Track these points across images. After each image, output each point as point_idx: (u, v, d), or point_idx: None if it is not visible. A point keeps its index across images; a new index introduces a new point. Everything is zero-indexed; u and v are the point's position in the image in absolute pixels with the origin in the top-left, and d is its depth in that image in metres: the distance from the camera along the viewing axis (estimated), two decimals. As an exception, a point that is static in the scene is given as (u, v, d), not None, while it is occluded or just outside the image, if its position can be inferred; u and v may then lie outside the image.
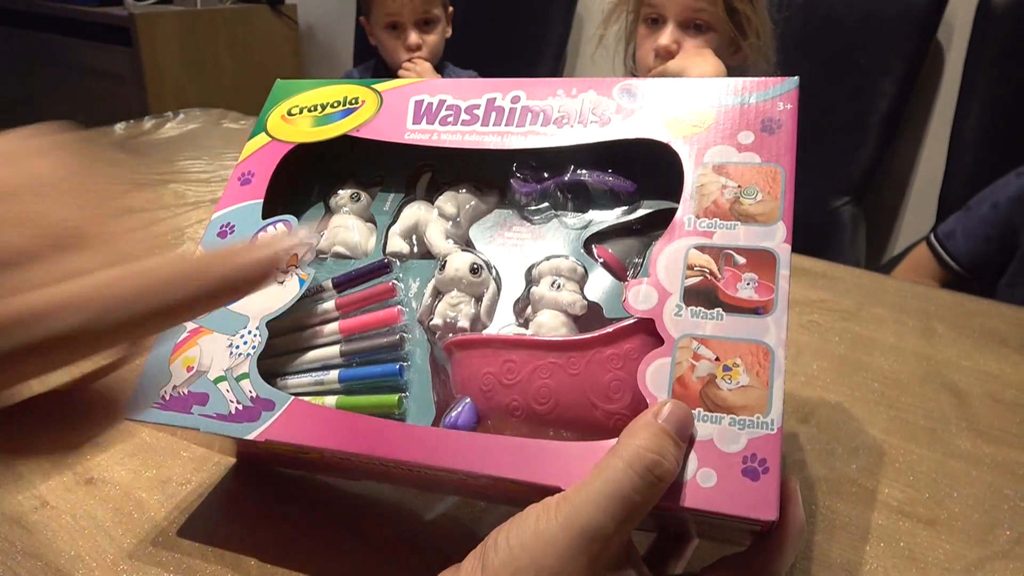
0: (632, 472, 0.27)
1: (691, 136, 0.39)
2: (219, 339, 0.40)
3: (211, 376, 0.39)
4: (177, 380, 0.39)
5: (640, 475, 0.27)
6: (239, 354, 0.39)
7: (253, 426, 0.37)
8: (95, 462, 0.49)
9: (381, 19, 1.46)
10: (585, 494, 0.27)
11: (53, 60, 2.44)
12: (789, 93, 0.39)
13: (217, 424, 0.37)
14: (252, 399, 0.38)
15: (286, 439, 0.36)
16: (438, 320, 0.40)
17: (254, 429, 0.37)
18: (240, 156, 0.47)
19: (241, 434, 0.37)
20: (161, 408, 0.39)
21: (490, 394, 0.36)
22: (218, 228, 0.45)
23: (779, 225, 0.35)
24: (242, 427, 0.37)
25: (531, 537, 0.27)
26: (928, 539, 0.45)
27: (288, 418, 0.36)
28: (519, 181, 0.43)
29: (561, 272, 0.39)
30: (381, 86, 0.47)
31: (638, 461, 0.28)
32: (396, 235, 0.46)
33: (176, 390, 0.39)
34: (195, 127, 1.34)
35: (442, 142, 0.43)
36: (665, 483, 0.28)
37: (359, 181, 0.49)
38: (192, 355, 0.40)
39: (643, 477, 0.27)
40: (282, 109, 0.48)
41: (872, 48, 1.50)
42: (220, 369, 0.39)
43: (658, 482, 0.28)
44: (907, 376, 0.62)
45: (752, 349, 0.32)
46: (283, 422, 0.36)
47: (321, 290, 0.44)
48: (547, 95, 0.43)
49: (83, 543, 0.43)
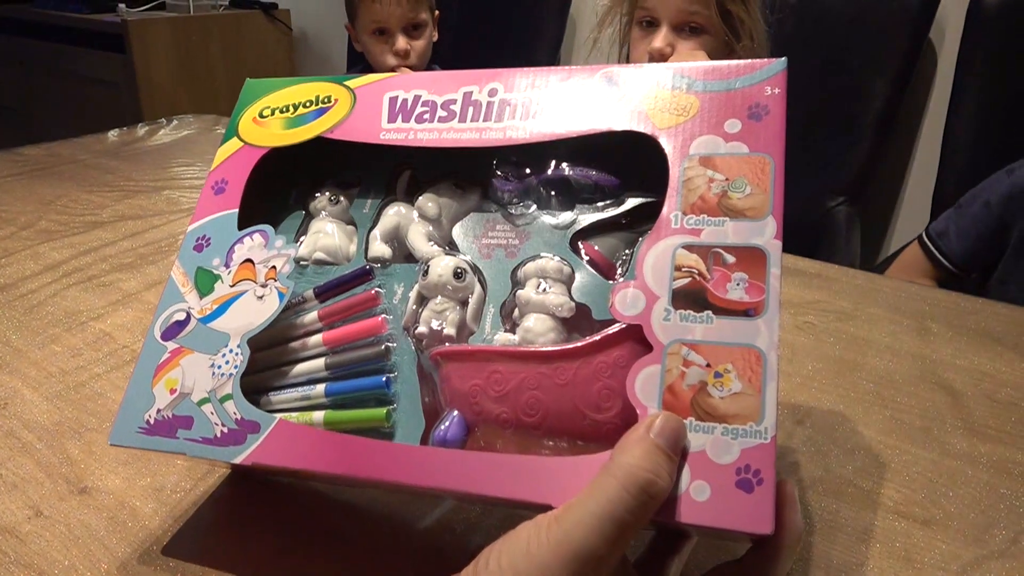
0: (626, 493, 0.27)
1: (675, 126, 0.37)
2: (201, 359, 0.39)
3: (195, 398, 0.38)
4: (160, 403, 0.39)
5: (634, 496, 0.27)
6: (222, 374, 0.38)
7: (239, 449, 0.36)
8: (89, 470, 0.49)
9: (367, 25, 1.46)
10: (578, 515, 0.27)
11: (46, 67, 2.44)
12: (777, 76, 0.37)
13: (203, 448, 0.37)
14: (237, 421, 0.37)
15: (272, 462, 0.36)
16: (423, 328, 0.39)
17: (240, 453, 0.36)
18: (212, 163, 0.46)
19: (227, 458, 0.36)
20: (145, 433, 0.38)
21: (478, 406, 0.36)
22: (194, 241, 0.44)
23: (769, 220, 0.34)
24: (228, 451, 0.36)
25: (523, 559, 0.26)
26: (925, 539, 0.45)
27: (274, 440, 0.36)
28: (501, 179, 0.42)
29: (547, 273, 0.39)
30: (353, 82, 0.46)
31: (632, 481, 0.27)
32: (377, 239, 0.44)
33: (160, 413, 0.38)
34: (189, 133, 1.34)
35: (419, 141, 0.42)
36: (659, 501, 0.28)
37: (337, 183, 0.48)
38: (174, 376, 0.39)
39: (637, 497, 0.27)
40: (253, 111, 0.47)
41: (865, 49, 1.51)
42: (203, 390, 0.38)
43: (652, 501, 0.27)
44: (902, 376, 0.62)
45: (743, 354, 0.31)
46: (269, 444, 0.36)
47: (303, 300, 0.43)
48: (526, 87, 0.42)
49: (77, 552, 0.42)
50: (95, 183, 1.05)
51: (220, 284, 0.42)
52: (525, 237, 0.41)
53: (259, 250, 0.42)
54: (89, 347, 0.63)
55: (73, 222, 0.91)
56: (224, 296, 0.41)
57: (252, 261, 0.42)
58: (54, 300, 0.72)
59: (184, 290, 0.42)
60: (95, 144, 1.25)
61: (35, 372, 0.60)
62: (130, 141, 1.28)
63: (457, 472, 0.33)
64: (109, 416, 0.54)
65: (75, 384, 0.58)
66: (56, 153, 1.19)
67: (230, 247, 0.43)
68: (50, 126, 2.43)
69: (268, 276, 0.41)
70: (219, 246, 0.43)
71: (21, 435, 0.52)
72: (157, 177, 1.09)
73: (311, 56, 2.67)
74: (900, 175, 1.70)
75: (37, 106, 2.56)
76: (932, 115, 1.62)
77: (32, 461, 0.50)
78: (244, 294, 0.41)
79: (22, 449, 0.51)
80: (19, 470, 0.49)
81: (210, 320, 0.40)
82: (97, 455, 0.50)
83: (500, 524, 0.44)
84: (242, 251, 0.42)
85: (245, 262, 0.42)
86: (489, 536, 0.43)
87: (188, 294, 0.42)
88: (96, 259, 0.81)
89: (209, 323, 0.40)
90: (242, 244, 0.43)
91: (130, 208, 0.96)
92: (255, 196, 0.45)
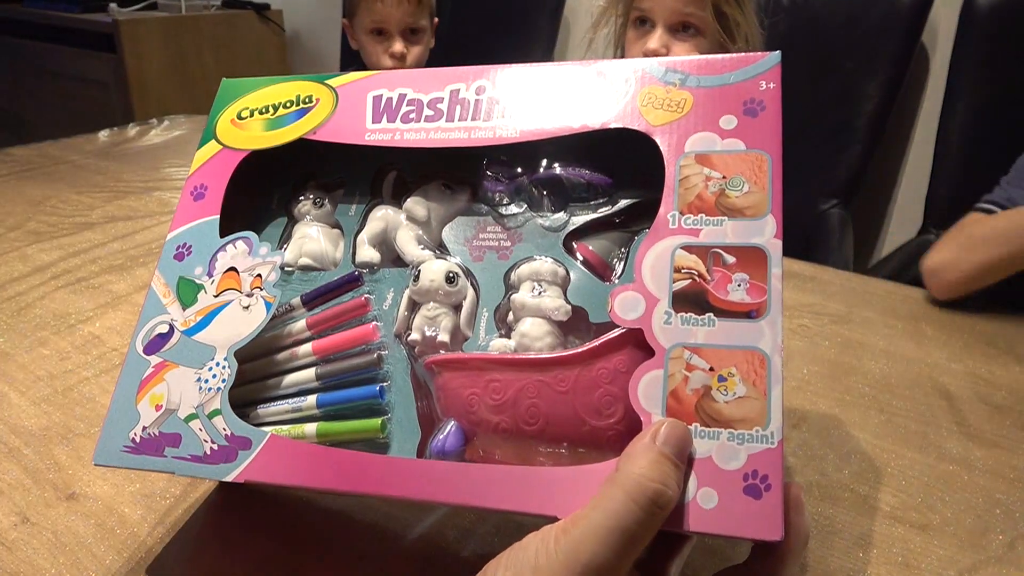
0: (634, 505, 0.26)
1: (670, 123, 0.36)
2: (186, 373, 0.38)
3: (181, 414, 0.37)
4: (146, 420, 0.37)
5: (642, 507, 0.26)
6: (209, 388, 0.37)
7: (230, 467, 0.35)
8: (77, 476, 0.48)
9: (367, 24, 1.45)
10: (585, 528, 0.26)
11: (37, 67, 2.42)
12: (771, 70, 0.36)
13: (192, 467, 0.36)
14: (227, 437, 0.36)
15: (266, 479, 0.35)
16: (416, 335, 0.39)
17: (232, 470, 0.35)
18: (191, 167, 0.44)
19: (219, 476, 0.35)
20: (131, 452, 0.37)
21: (476, 416, 0.35)
22: (174, 250, 0.42)
23: (768, 219, 0.33)
24: (219, 468, 0.35)
25: (530, 572, 0.26)
26: (921, 544, 0.44)
27: (266, 456, 0.35)
28: (491, 180, 0.42)
29: (542, 276, 0.38)
30: (335, 81, 0.44)
31: (640, 492, 0.27)
32: (365, 243, 0.43)
33: (146, 431, 0.37)
34: (180, 134, 1.33)
35: (405, 142, 0.41)
36: (667, 511, 0.27)
37: (320, 184, 0.46)
38: (159, 392, 0.38)
39: (645, 509, 0.26)
40: (231, 112, 0.46)
41: (857, 51, 1.51)
42: (190, 406, 0.37)
43: (661, 511, 0.27)
44: (897, 379, 0.62)
45: (747, 356, 0.31)
46: (261, 461, 0.35)
47: (291, 309, 0.42)
48: (514, 83, 0.41)
49: (64, 560, 0.42)
50: (85, 184, 1.04)
51: (203, 294, 0.40)
52: (517, 238, 0.41)
53: (243, 258, 0.41)
54: (78, 350, 0.63)
55: (62, 223, 0.90)
56: (208, 307, 0.40)
57: (236, 269, 0.41)
58: (42, 302, 0.71)
59: (166, 301, 0.41)
60: (85, 144, 1.24)
61: (23, 375, 0.59)
62: (120, 142, 1.27)
63: (457, 486, 0.32)
64: (98, 420, 0.53)
65: (63, 388, 0.57)
66: (46, 153, 1.18)
67: (212, 255, 0.41)
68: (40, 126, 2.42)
69: (253, 285, 0.40)
70: (201, 254, 0.41)
71: (8, 440, 0.51)
72: (148, 178, 1.08)
73: (304, 57, 2.66)
74: (893, 177, 1.71)
75: (27, 106, 2.54)
76: (925, 117, 1.62)
77: (19, 467, 0.49)
78: (229, 304, 0.40)
79: (8, 454, 0.50)
80: (5, 476, 0.48)
81: (194, 332, 0.39)
82: (85, 460, 0.49)
83: (495, 531, 0.43)
84: (225, 259, 0.41)
85: (229, 271, 0.41)
86: (484, 542, 0.42)
87: (170, 305, 0.40)
88: (85, 261, 0.80)
89: (194, 335, 0.39)
90: (225, 252, 0.41)
91: (120, 209, 0.95)
92: (236, 201, 0.43)
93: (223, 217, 0.42)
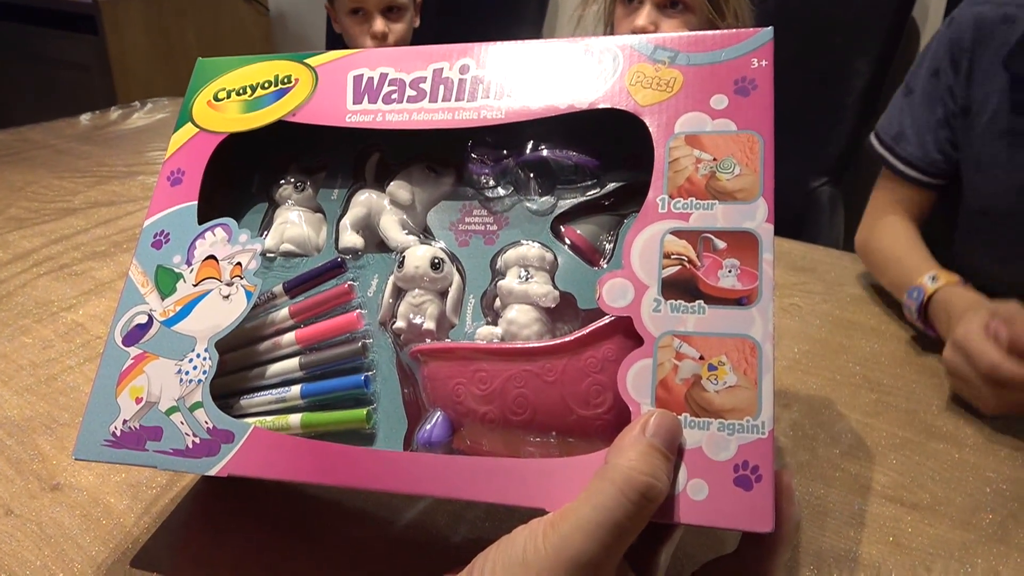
0: (624, 498, 0.26)
1: (659, 103, 0.35)
2: (166, 365, 0.37)
3: (162, 407, 0.36)
4: (126, 414, 0.37)
5: (632, 501, 0.26)
6: (190, 381, 0.37)
7: (213, 461, 0.35)
8: (61, 466, 0.47)
9: (345, 3, 1.43)
10: (574, 521, 0.26)
11: (16, 49, 2.38)
12: (764, 47, 0.35)
13: (174, 461, 0.35)
14: (209, 431, 0.35)
15: (249, 473, 0.34)
16: (401, 323, 0.38)
17: (214, 464, 0.35)
18: (167, 151, 0.43)
19: (201, 470, 0.35)
20: (112, 446, 0.36)
21: (463, 406, 0.35)
22: (151, 238, 0.41)
23: (759, 202, 0.32)
24: (201, 462, 0.35)
25: (519, 567, 0.26)
26: (913, 523, 0.44)
27: (250, 450, 0.35)
28: (476, 163, 0.41)
29: (529, 261, 0.37)
30: (314, 60, 0.43)
31: (629, 486, 0.26)
32: (348, 228, 0.42)
33: (127, 424, 0.37)
34: (163, 117, 1.31)
35: (388, 123, 0.40)
36: (657, 504, 0.27)
37: (302, 167, 0.45)
38: (139, 384, 0.37)
39: (635, 502, 0.26)
40: (207, 94, 0.44)
41: (847, 28, 1.50)
42: (171, 399, 0.36)
43: (650, 504, 0.27)
44: (888, 358, 0.62)
45: (738, 345, 0.30)
46: (245, 454, 0.35)
47: (273, 296, 0.41)
48: (499, 62, 0.40)
49: (50, 552, 0.41)
50: (67, 169, 1.03)
51: (182, 283, 0.39)
52: (504, 222, 0.40)
53: (222, 245, 0.40)
54: (61, 338, 0.62)
55: (44, 209, 0.89)
56: (188, 296, 0.39)
57: (215, 258, 0.40)
58: (24, 290, 0.70)
59: (144, 291, 0.40)
60: (67, 128, 1.22)
61: (4, 365, 0.58)
62: (103, 125, 1.25)
63: (444, 479, 0.31)
64: (82, 410, 0.53)
65: (46, 377, 0.57)
66: (26, 138, 1.16)
67: (191, 243, 0.40)
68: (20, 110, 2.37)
69: (233, 273, 0.39)
70: (179, 242, 0.40)
71: (-10, 431, 0.51)
72: (131, 162, 1.06)
73: (289, 38, 2.63)
74: (883, 154, 1.70)
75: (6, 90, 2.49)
76: (915, 94, 1.62)
77: (2, 458, 0.48)
78: (209, 293, 0.39)
79: (-9, 445, 0.49)
80: (-12, 467, 0.47)
81: (174, 323, 0.38)
82: (69, 450, 0.49)
83: (485, 516, 0.43)
84: (204, 247, 0.40)
85: (208, 259, 0.40)
86: (474, 527, 0.42)
87: (149, 295, 0.40)
88: (68, 247, 0.79)
89: (173, 326, 0.38)
90: (204, 239, 0.40)
91: (103, 194, 0.94)
92: (214, 186, 0.42)
93: (201, 202, 0.41)
